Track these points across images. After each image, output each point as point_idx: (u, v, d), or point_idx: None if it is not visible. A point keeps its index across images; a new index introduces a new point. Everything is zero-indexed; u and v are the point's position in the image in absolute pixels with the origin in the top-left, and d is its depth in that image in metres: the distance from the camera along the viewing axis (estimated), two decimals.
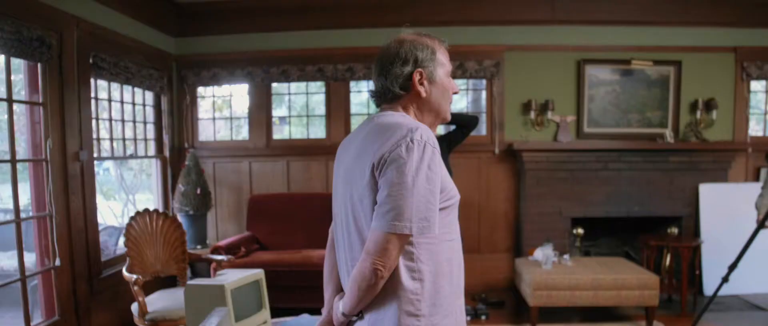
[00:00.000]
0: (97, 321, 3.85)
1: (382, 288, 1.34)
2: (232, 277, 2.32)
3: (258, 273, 2.47)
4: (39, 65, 3.44)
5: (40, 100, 3.47)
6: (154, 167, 5.14)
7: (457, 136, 3.79)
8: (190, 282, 2.30)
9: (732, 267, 3.59)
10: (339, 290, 1.56)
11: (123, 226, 5.52)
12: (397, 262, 1.32)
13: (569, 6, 4.93)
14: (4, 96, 3.26)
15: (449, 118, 1.53)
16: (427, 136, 1.31)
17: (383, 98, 1.45)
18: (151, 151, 4.98)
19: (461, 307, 1.50)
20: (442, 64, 1.46)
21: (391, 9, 4.97)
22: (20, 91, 3.65)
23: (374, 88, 1.46)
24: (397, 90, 1.41)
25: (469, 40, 4.99)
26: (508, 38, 5.02)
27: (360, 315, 1.42)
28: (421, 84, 1.43)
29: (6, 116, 3.30)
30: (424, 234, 1.31)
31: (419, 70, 1.42)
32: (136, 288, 3.08)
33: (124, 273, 3.29)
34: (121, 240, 5.12)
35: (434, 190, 1.31)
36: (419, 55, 1.42)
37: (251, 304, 2.36)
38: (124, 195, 6.95)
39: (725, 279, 3.63)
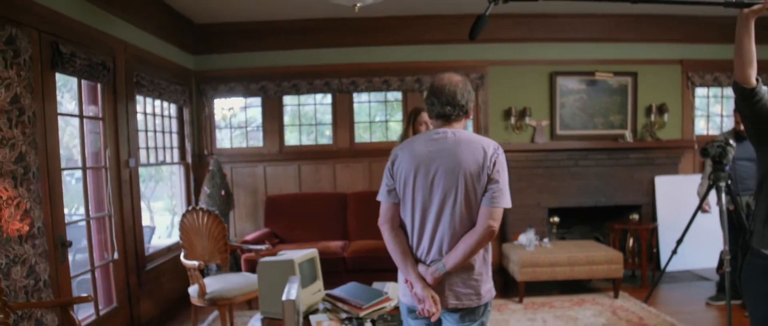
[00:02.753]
0: (145, 308, 4.40)
1: None
2: (295, 254, 2.94)
3: (313, 252, 3.10)
4: (98, 85, 4.00)
5: (100, 115, 4.02)
6: (177, 172, 5.67)
7: None
8: (263, 260, 2.91)
9: (678, 242, 4.39)
10: (416, 262, 2.03)
11: (154, 226, 6.06)
12: None
13: (543, 27, 5.71)
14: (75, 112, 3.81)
15: None
16: None
17: (448, 119, 2.04)
18: (176, 158, 5.52)
19: None
20: None
21: (388, 29, 5.64)
22: (76, 108, 4.15)
23: (442, 112, 2.02)
24: (462, 114, 2.05)
25: (457, 56, 5.70)
26: (491, 54, 5.76)
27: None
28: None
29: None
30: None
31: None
32: (196, 272, 3.67)
33: (183, 260, 3.85)
34: (155, 239, 5.67)
35: None
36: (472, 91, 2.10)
37: (310, 275, 2.99)
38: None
39: (674, 252, 4.43)
